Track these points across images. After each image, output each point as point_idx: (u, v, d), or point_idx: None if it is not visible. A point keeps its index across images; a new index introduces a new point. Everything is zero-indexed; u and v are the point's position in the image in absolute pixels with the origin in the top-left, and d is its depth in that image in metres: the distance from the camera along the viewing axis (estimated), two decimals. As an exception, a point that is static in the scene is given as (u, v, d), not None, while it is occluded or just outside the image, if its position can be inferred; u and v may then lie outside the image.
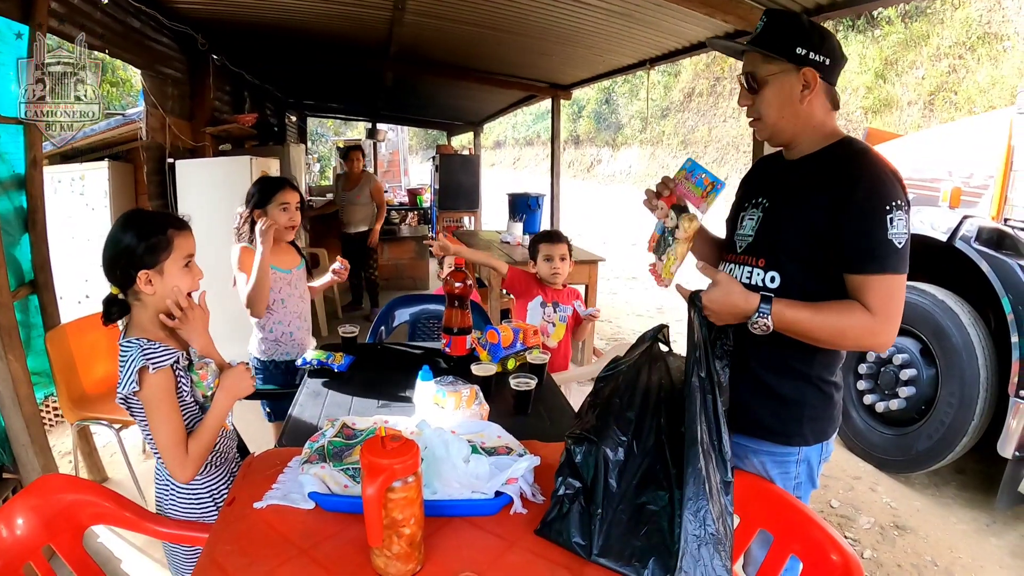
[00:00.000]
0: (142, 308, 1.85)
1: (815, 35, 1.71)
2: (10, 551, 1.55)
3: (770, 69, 1.74)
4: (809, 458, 1.86)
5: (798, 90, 1.72)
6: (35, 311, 3.54)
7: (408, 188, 14.52)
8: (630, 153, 25.50)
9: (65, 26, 4.09)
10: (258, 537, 1.43)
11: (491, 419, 2.04)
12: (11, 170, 3.35)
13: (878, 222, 1.56)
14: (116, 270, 1.81)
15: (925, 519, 3.68)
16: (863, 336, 1.61)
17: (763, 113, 1.79)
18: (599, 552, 1.36)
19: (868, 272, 1.59)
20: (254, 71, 8.59)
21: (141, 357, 1.70)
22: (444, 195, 11.02)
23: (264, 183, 3.16)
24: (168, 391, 1.75)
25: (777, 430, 1.84)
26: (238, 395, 1.96)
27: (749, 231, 1.85)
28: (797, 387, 1.81)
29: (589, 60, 6.75)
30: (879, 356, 4.13)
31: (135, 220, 1.86)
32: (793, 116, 1.75)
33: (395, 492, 1.26)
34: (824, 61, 1.71)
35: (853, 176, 1.62)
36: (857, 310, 1.59)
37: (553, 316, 3.53)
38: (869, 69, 15.62)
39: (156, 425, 1.74)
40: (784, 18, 1.76)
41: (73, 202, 5.62)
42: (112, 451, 4.07)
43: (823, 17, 3.95)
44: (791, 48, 1.69)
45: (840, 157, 1.70)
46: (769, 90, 1.75)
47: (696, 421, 1.41)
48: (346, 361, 2.71)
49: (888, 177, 1.61)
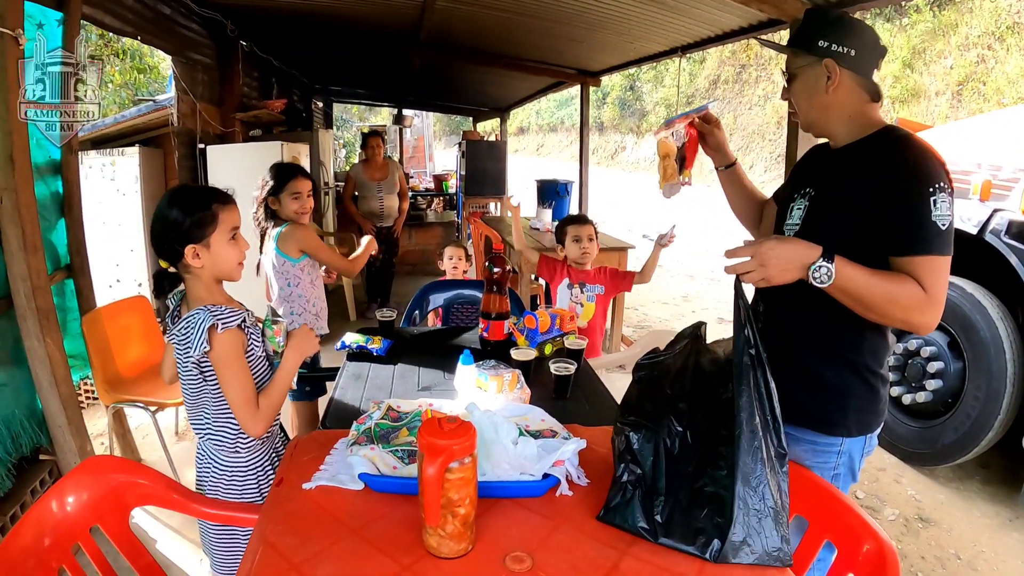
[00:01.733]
0: (195, 280, 1.89)
1: (840, 27, 1.78)
2: (59, 529, 1.57)
3: (797, 63, 1.85)
4: (851, 450, 1.84)
5: (823, 81, 1.78)
6: (71, 295, 3.59)
7: (434, 174, 14.55)
8: (654, 140, 25.40)
9: (97, 12, 4.13)
10: (309, 517, 1.44)
11: (531, 403, 2.04)
12: (47, 155, 3.39)
13: (923, 204, 1.57)
14: (165, 245, 1.84)
15: (949, 512, 3.65)
16: (912, 309, 1.60)
17: (796, 104, 1.91)
18: (664, 534, 1.37)
19: (915, 253, 1.59)
20: (282, 57, 8.62)
21: (211, 316, 1.75)
22: (470, 181, 11.03)
23: (278, 170, 3.23)
24: (237, 350, 1.81)
25: (820, 418, 1.82)
26: (306, 353, 2.05)
27: (797, 220, 1.88)
28: (843, 375, 1.80)
29: (619, 47, 6.70)
30: (907, 348, 4.08)
31: (181, 196, 1.88)
32: (822, 106, 1.82)
33: (452, 472, 1.28)
34: (848, 52, 1.75)
35: (897, 160, 1.64)
36: (912, 283, 1.58)
37: (580, 296, 3.59)
38: (897, 58, 15.45)
39: (228, 382, 1.80)
40: (814, 14, 1.87)
41: (104, 188, 5.69)
42: (144, 433, 4.13)
43: (857, 8, 3.91)
44: (814, 41, 1.77)
45: (883, 143, 1.72)
46: (798, 83, 1.87)
47: (750, 398, 1.40)
48: (384, 345, 2.72)
49: (931, 160, 1.62)
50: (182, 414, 4.35)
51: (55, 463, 3.15)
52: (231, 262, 1.92)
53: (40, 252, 2.98)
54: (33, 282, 2.90)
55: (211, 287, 1.91)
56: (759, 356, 1.44)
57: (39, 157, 3.27)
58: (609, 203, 17.04)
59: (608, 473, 1.56)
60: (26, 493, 2.92)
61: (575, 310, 3.54)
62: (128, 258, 5.85)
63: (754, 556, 1.33)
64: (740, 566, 1.32)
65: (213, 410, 1.90)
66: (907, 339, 4.09)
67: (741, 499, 1.34)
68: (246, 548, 1.36)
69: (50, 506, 1.59)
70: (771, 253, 1.56)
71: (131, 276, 5.88)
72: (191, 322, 1.77)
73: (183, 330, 1.78)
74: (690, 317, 7.62)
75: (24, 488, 2.94)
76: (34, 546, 1.50)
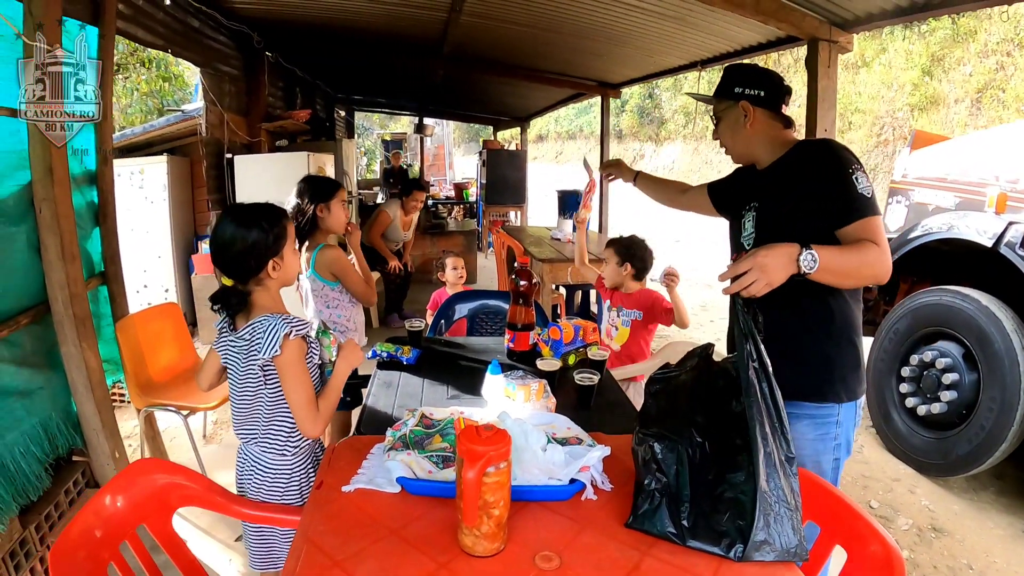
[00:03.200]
0: (265, 292, 2.01)
1: (751, 75, 2.16)
2: (110, 524, 1.65)
3: (720, 107, 2.23)
4: (845, 419, 2.08)
5: (742, 119, 2.14)
6: (104, 301, 3.68)
7: (454, 182, 14.68)
8: (673, 148, 25.39)
9: (131, 26, 4.25)
10: (349, 518, 1.51)
11: (556, 412, 2.12)
12: (83, 167, 3.50)
13: (849, 182, 1.88)
14: (250, 261, 1.96)
15: (962, 523, 3.66)
16: (878, 263, 1.84)
17: (724, 140, 2.27)
18: (691, 537, 1.45)
19: (859, 218, 1.87)
20: (306, 67, 8.76)
21: (286, 324, 1.87)
22: (491, 190, 11.13)
23: (319, 180, 3.27)
24: (302, 357, 1.92)
25: (812, 390, 2.06)
26: (354, 365, 2.17)
27: (750, 229, 2.18)
28: (825, 346, 2.06)
29: (639, 61, 6.79)
30: (921, 359, 4.10)
31: (254, 215, 2.00)
32: (745, 140, 2.19)
33: (489, 476, 1.36)
34: (758, 93, 2.12)
35: (816, 159, 1.99)
36: (867, 244, 1.84)
37: (616, 320, 3.63)
38: (916, 65, 15.37)
39: (293, 386, 1.91)
40: (731, 69, 2.23)
41: (132, 195, 5.82)
42: (172, 436, 4.23)
43: (874, 25, 3.97)
44: (731, 89, 2.16)
45: (801, 152, 2.07)
46: (723, 123, 2.24)
47: (759, 408, 1.50)
48: (414, 354, 2.80)
49: (842, 151, 1.98)
50: (211, 418, 4.44)
51: (88, 464, 3.23)
52: (295, 269, 2.13)
53: (77, 260, 3.07)
54: (70, 289, 3.00)
55: (276, 297, 2.05)
56: (764, 368, 1.55)
57: (76, 168, 3.36)
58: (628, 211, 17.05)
59: (630, 479, 1.63)
60: (59, 493, 2.99)
61: (610, 332, 3.60)
62: (155, 264, 5.97)
63: (774, 554, 1.41)
64: (753, 564, 1.40)
65: (268, 413, 1.99)
66: (922, 350, 4.12)
67: (759, 502, 1.42)
68: (290, 547, 1.43)
69: (103, 502, 1.67)
70: (766, 260, 1.71)
71: (158, 282, 6.00)
72: (261, 327, 1.87)
73: (250, 334, 1.89)
74: (708, 327, 7.64)
75: (58, 488, 3.01)
76: (87, 538, 1.58)
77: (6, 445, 2.70)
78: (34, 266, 2.95)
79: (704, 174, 22.68)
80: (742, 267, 1.71)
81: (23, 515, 2.73)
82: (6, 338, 2.75)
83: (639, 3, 4.74)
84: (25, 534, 2.69)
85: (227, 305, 1.98)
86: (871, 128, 16.13)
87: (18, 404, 2.80)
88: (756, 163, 2.22)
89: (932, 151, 4.95)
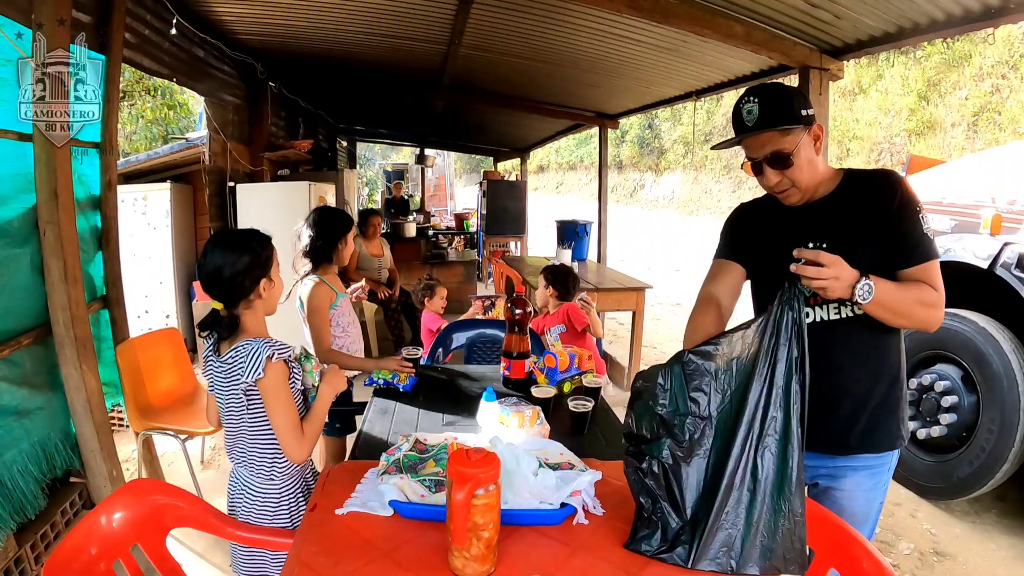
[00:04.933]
0: (252, 314, 2.04)
1: (799, 93, 1.87)
2: (105, 543, 1.67)
3: (792, 140, 1.81)
4: (892, 461, 1.98)
5: (813, 146, 1.85)
6: (105, 324, 3.71)
7: (455, 212, 14.77)
8: (673, 178, 25.52)
9: (136, 55, 4.34)
10: (341, 540, 1.54)
11: (550, 438, 2.16)
12: (88, 192, 3.56)
13: (918, 222, 1.78)
14: (244, 281, 1.99)
15: (965, 545, 3.65)
16: (932, 307, 1.77)
17: (796, 180, 1.86)
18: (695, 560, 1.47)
19: (925, 260, 1.78)
20: (309, 98, 8.87)
21: (268, 347, 1.89)
22: (491, 220, 11.20)
23: (339, 214, 3.25)
24: (285, 380, 1.94)
25: (878, 439, 1.92)
26: (337, 390, 2.18)
27: None
28: (888, 389, 1.92)
29: (636, 91, 6.89)
30: (920, 383, 4.10)
31: (243, 239, 2.05)
32: (814, 170, 1.87)
33: (479, 499, 1.39)
34: (812, 111, 1.85)
35: (887, 194, 1.81)
36: (925, 286, 1.76)
37: (549, 339, 3.98)
38: (912, 91, 15.49)
39: (276, 410, 1.93)
40: (774, 91, 1.84)
41: (135, 221, 5.89)
42: (169, 460, 4.24)
43: (864, 53, 4.06)
44: (797, 112, 1.80)
45: (864, 183, 1.89)
46: (799, 158, 1.83)
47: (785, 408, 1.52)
48: (410, 381, 2.85)
49: (910, 188, 1.83)
50: (209, 443, 4.46)
51: (85, 486, 3.24)
52: (279, 295, 2.14)
53: (79, 283, 3.10)
54: (72, 311, 3.03)
55: (261, 321, 2.08)
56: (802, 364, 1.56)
57: (80, 193, 3.41)
58: (628, 241, 17.13)
59: (622, 504, 1.66)
60: (56, 514, 3.00)
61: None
62: (157, 290, 6.02)
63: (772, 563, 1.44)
64: None
65: (250, 437, 2.01)
66: (921, 374, 4.12)
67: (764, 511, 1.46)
68: (281, 569, 1.46)
69: (99, 520, 1.69)
70: (843, 271, 1.65)
71: (159, 308, 6.04)
72: (244, 351, 1.89)
73: (233, 358, 1.91)
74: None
75: (55, 508, 3.02)
76: (82, 554, 1.60)
77: (4, 463, 2.72)
78: (37, 287, 2.99)
79: (704, 203, 22.77)
80: (826, 259, 1.63)
81: (19, 533, 2.75)
82: (7, 358, 2.78)
83: (634, 35, 4.83)
84: (20, 552, 2.71)
85: (219, 330, 2.01)
86: (869, 155, 16.22)
87: (17, 423, 2.82)
88: (812, 196, 1.91)
89: (927, 175, 5.00)
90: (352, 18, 5.23)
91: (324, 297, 3.07)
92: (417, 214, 13.46)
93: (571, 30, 4.98)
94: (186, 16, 4.84)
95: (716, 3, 3.86)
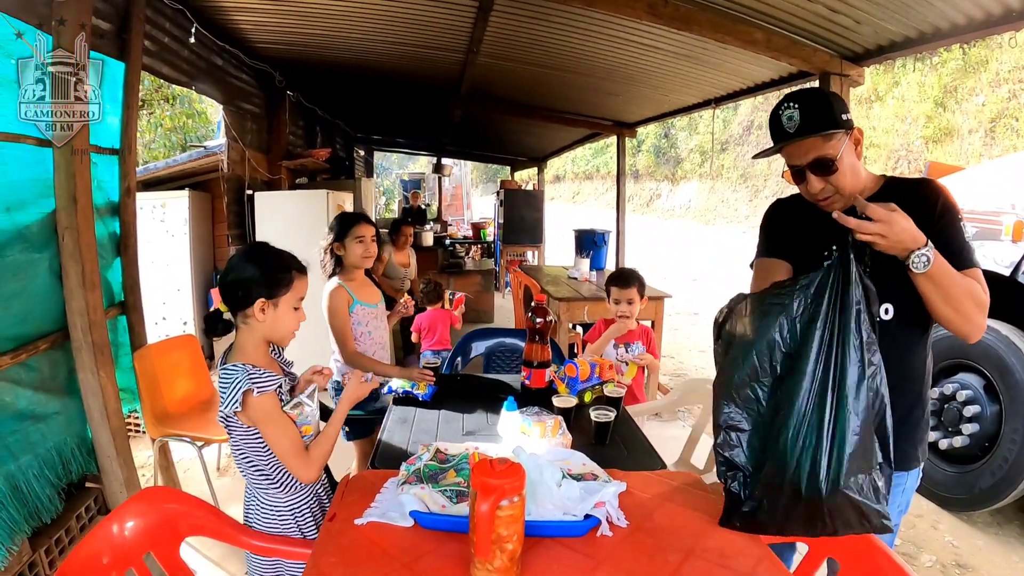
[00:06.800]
0: (248, 332, 1.97)
1: (838, 97, 1.85)
2: (118, 551, 1.66)
3: (835, 145, 1.78)
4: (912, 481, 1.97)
5: (854, 150, 1.82)
6: (123, 330, 3.72)
7: (472, 222, 14.77)
8: (689, 187, 25.48)
9: (156, 63, 4.36)
10: (361, 551, 1.51)
11: (572, 448, 2.12)
12: (106, 198, 3.57)
13: (959, 229, 1.76)
14: (238, 291, 1.94)
15: (987, 558, 3.58)
16: (981, 308, 1.72)
17: (840, 186, 1.81)
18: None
19: (970, 266, 1.74)
20: (327, 107, 8.90)
21: (248, 380, 1.82)
22: (508, 229, 11.18)
23: (342, 218, 3.32)
24: (275, 408, 1.88)
25: (900, 457, 1.82)
26: (356, 399, 2.16)
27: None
28: (915, 408, 1.91)
29: (655, 99, 6.86)
30: (942, 392, 4.04)
31: (265, 252, 2.01)
32: (857, 176, 1.84)
33: (503, 510, 1.36)
34: (850, 116, 1.82)
35: (930, 200, 1.78)
36: (977, 284, 1.72)
37: (626, 356, 3.57)
38: (928, 98, 15.41)
39: (274, 438, 1.88)
40: (814, 96, 1.83)
41: (154, 228, 5.92)
42: (185, 467, 4.24)
43: (885, 58, 4.02)
44: (838, 117, 1.77)
45: (906, 189, 1.85)
46: (843, 164, 1.79)
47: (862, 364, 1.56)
48: (430, 390, 2.82)
49: (951, 195, 1.81)
50: (225, 450, 4.45)
51: (100, 491, 3.24)
52: (289, 328, 2.03)
53: (97, 289, 3.11)
54: (90, 317, 3.04)
55: (259, 345, 1.99)
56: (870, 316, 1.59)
57: (99, 199, 3.43)
58: (645, 250, 17.07)
59: (647, 516, 1.65)
60: (71, 519, 3.01)
61: (620, 368, 3.52)
62: (175, 297, 6.04)
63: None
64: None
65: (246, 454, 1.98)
66: (942, 384, 4.05)
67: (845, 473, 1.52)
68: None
69: (111, 528, 1.68)
70: (901, 223, 1.60)
71: (177, 315, 6.06)
72: (226, 379, 1.85)
73: (218, 379, 1.88)
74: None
75: (70, 513, 3.02)
76: (94, 563, 1.59)
77: (20, 467, 2.72)
78: (55, 292, 3.00)
79: (720, 212, 22.70)
80: (879, 212, 1.59)
81: (34, 538, 2.75)
82: (25, 362, 2.79)
83: (654, 43, 4.82)
84: (35, 557, 2.71)
85: (211, 327, 2.00)
86: (886, 162, 16.14)
87: (33, 428, 2.83)
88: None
89: (947, 182, 4.95)
90: (370, 27, 5.25)
91: (340, 300, 3.12)
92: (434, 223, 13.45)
93: (590, 38, 4.96)
94: (205, 24, 4.86)
95: (737, 10, 3.84)
